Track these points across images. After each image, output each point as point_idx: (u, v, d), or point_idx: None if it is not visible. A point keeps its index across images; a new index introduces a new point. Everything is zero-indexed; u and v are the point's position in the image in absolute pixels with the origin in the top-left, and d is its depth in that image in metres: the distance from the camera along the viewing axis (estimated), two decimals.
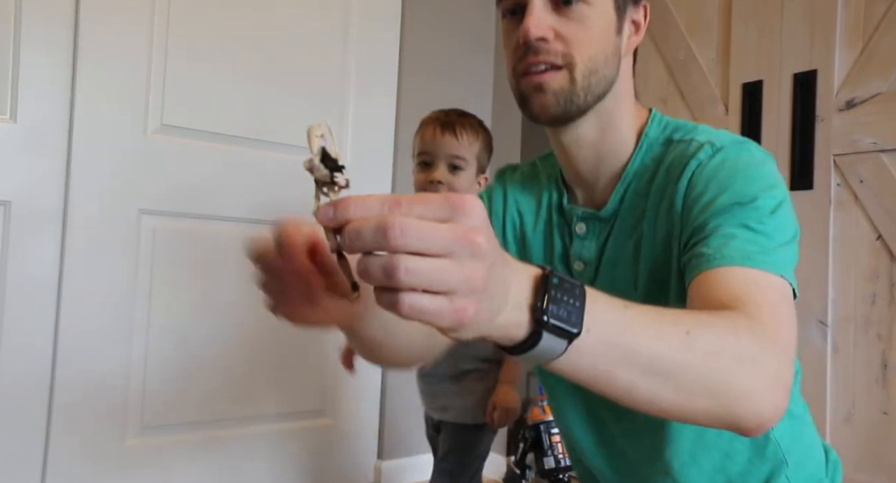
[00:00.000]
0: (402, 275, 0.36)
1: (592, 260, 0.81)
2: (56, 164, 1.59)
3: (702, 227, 0.67)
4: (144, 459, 1.70)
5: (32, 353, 1.56)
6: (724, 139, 0.74)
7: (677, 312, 0.53)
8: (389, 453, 2.10)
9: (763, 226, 0.65)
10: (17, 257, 1.54)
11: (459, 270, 0.37)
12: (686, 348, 0.50)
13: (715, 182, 0.69)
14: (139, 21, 1.68)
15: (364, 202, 0.38)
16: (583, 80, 0.73)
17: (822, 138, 1.53)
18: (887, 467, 1.39)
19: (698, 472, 0.78)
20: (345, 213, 0.38)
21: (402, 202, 0.37)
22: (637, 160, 0.79)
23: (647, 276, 0.76)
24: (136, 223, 1.69)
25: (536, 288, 0.44)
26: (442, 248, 0.36)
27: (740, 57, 1.70)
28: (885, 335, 1.43)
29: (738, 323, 0.55)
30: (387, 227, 0.36)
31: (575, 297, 0.44)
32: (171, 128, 1.73)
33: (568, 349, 0.44)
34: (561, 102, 0.73)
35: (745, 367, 0.52)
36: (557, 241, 0.85)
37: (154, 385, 1.70)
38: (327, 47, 2.00)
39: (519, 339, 0.43)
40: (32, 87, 1.56)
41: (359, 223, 0.37)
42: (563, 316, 0.43)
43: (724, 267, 0.62)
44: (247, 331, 1.85)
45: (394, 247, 0.36)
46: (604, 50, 0.74)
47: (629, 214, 0.78)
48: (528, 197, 0.90)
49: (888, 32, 1.44)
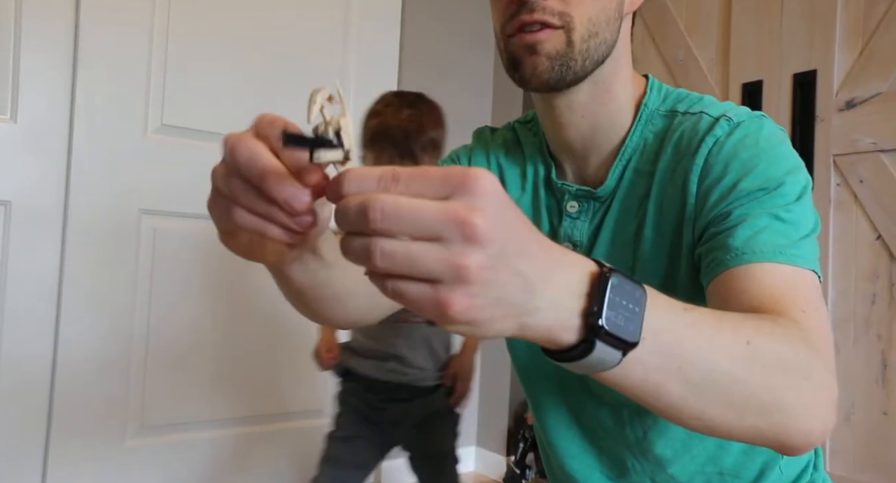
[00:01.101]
0: (378, 259, 0.33)
1: (584, 242, 0.74)
2: (56, 163, 1.59)
3: (725, 214, 0.61)
4: (144, 460, 1.70)
5: (32, 353, 1.56)
6: (740, 113, 0.67)
7: (736, 317, 0.48)
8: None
9: (791, 214, 0.60)
10: (18, 257, 1.54)
11: (445, 256, 0.32)
12: (746, 361, 0.45)
13: (736, 163, 0.63)
14: (139, 21, 1.68)
15: (361, 177, 0.34)
16: (581, 44, 0.65)
17: (822, 138, 1.53)
18: (887, 467, 1.39)
19: (690, 460, 0.73)
20: (339, 188, 0.35)
21: (401, 177, 0.34)
22: (636, 133, 0.72)
23: (649, 262, 0.69)
24: (137, 223, 1.69)
25: (592, 288, 0.38)
26: (428, 231, 0.32)
27: (740, 57, 1.71)
28: (885, 335, 1.43)
29: (794, 333, 0.50)
30: (367, 208, 0.32)
31: (635, 302, 0.39)
32: (171, 128, 1.73)
33: (622, 361, 0.39)
34: (556, 67, 0.65)
35: (798, 382, 0.48)
36: (545, 218, 0.78)
37: (154, 385, 1.70)
38: (327, 47, 2.00)
39: (566, 344, 0.38)
40: (33, 88, 1.56)
41: (346, 201, 0.34)
42: (621, 323, 0.38)
43: (756, 263, 0.57)
44: (247, 331, 1.85)
45: (373, 230, 0.33)
46: (605, 9, 0.66)
47: (630, 194, 0.71)
48: (512, 167, 0.82)
49: (888, 32, 1.44)
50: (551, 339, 0.38)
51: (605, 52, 0.67)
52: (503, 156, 0.83)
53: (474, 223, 0.32)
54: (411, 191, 0.33)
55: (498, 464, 2.20)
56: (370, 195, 0.33)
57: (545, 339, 0.38)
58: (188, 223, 1.76)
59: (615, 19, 0.67)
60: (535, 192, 0.79)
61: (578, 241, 0.75)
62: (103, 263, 1.64)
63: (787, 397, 0.47)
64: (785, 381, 0.47)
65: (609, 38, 0.67)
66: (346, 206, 0.34)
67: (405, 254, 0.32)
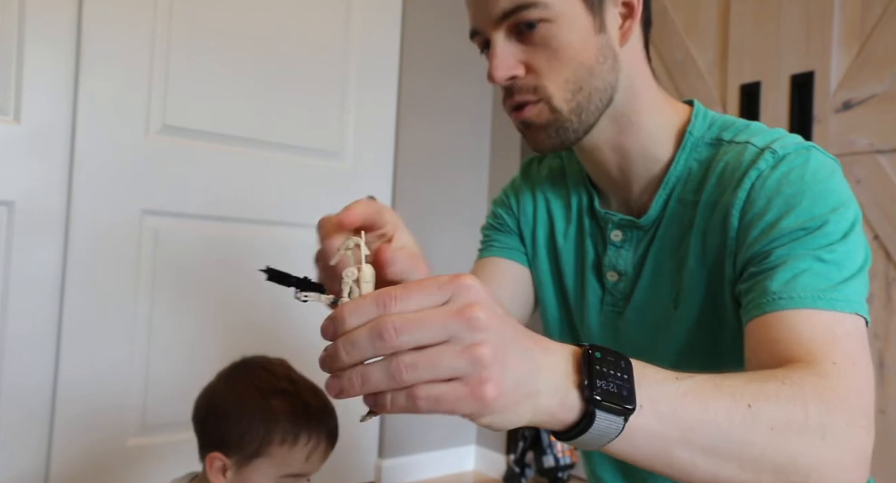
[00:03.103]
0: (405, 373, 0.35)
1: (629, 271, 0.74)
2: (59, 164, 1.60)
3: (764, 254, 0.60)
4: (146, 459, 1.71)
5: (35, 353, 1.57)
6: (787, 144, 0.64)
7: (736, 382, 0.48)
8: (390, 452, 2.11)
9: (834, 254, 0.58)
10: (21, 257, 1.55)
11: (460, 350, 0.35)
12: (748, 424, 0.45)
13: (779, 199, 0.61)
14: (141, 22, 1.69)
15: (358, 308, 0.36)
16: (567, 105, 0.67)
17: (819, 139, 1.54)
18: (885, 466, 1.40)
19: None
20: (342, 324, 0.36)
21: (397, 297, 0.36)
22: (680, 162, 0.71)
23: (692, 294, 0.69)
24: (139, 224, 1.70)
25: (578, 364, 0.41)
26: (441, 334, 0.35)
27: (738, 58, 1.71)
28: (882, 334, 1.44)
29: (807, 391, 0.49)
30: (381, 330, 0.35)
31: (621, 370, 0.42)
32: (173, 128, 1.74)
33: (624, 429, 0.41)
34: (552, 134, 0.68)
35: (814, 442, 0.47)
36: (589, 248, 0.79)
37: (156, 385, 1.71)
38: (328, 48, 2.01)
39: (570, 421, 0.41)
40: (36, 89, 1.57)
41: (352, 334, 0.36)
42: (614, 391, 0.40)
43: (792, 310, 0.56)
44: (248, 330, 1.86)
45: (392, 347, 0.35)
46: (583, 63, 0.66)
47: (674, 224, 0.71)
48: (558, 198, 0.83)
49: (885, 34, 1.45)
50: (558, 420, 0.40)
51: (602, 96, 0.68)
52: (549, 189, 0.85)
53: (477, 315, 0.35)
54: (412, 304, 0.36)
55: (497, 462, 2.21)
56: (377, 319, 0.35)
57: (552, 420, 0.40)
58: (190, 223, 1.77)
59: (603, 62, 0.67)
60: (579, 221, 0.80)
61: (623, 271, 0.75)
62: (105, 263, 1.65)
63: (804, 458, 0.47)
64: (797, 442, 0.47)
65: (601, 84, 0.67)
66: (353, 338, 0.35)
67: (427, 360, 0.35)
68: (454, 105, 2.29)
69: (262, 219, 1.88)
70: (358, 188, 2.07)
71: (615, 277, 0.76)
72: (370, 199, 0.43)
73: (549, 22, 0.64)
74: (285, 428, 0.91)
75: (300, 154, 1.94)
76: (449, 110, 2.29)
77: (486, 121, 2.37)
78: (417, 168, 2.20)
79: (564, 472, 2.04)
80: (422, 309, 0.36)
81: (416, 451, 2.15)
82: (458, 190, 2.29)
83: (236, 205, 1.84)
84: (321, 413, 0.96)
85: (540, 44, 0.65)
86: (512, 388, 0.37)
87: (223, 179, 1.82)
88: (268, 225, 1.90)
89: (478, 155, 2.35)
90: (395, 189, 2.15)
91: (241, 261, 1.86)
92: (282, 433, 0.90)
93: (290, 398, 0.95)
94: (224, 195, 1.82)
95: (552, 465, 2.02)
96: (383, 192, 2.13)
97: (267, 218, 1.89)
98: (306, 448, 0.91)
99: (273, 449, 0.90)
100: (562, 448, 2.03)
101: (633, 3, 0.69)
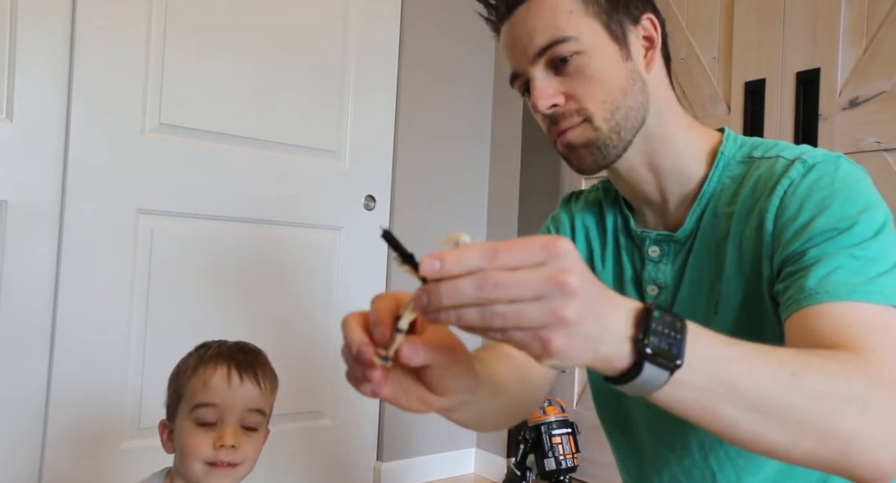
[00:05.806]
0: (495, 322, 0.40)
1: (669, 283, 0.79)
2: (53, 163, 1.58)
3: (799, 254, 0.64)
4: (141, 461, 1.69)
5: (29, 354, 1.55)
6: (816, 155, 0.70)
7: (784, 352, 0.51)
8: (389, 455, 2.09)
9: (867, 251, 0.61)
10: (14, 257, 1.53)
11: (547, 309, 0.39)
12: (791, 389, 0.48)
13: (810, 203, 0.66)
14: (136, 20, 1.67)
15: (464, 256, 0.40)
16: (607, 123, 0.73)
17: (825, 137, 1.51)
18: None
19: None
20: (449, 268, 0.40)
21: (501, 252, 0.40)
22: (714, 179, 0.76)
23: (731, 299, 0.73)
24: (134, 223, 1.68)
25: (637, 320, 0.45)
26: (534, 294, 0.39)
27: (742, 55, 1.69)
28: None
29: (850, 368, 0.52)
30: (483, 284, 0.39)
31: (676, 330, 0.46)
32: (168, 127, 1.72)
33: (669, 381, 0.45)
34: (595, 152, 0.74)
35: (855, 412, 0.49)
36: (627, 265, 0.83)
37: (151, 386, 1.69)
38: (327, 47, 1.99)
39: (621, 369, 0.45)
40: (29, 86, 1.55)
41: (457, 282, 0.40)
42: (664, 348, 0.44)
43: (828, 302, 0.59)
44: (245, 331, 1.84)
45: (489, 300, 0.39)
46: (617, 85, 0.73)
47: (709, 235, 0.75)
48: (594, 223, 0.89)
49: (892, 30, 1.43)
50: (611, 366, 0.45)
51: (636, 115, 0.75)
52: (587, 216, 0.91)
53: (570, 281, 0.39)
54: (513, 260, 0.40)
55: (498, 465, 2.19)
56: (482, 273, 0.39)
57: (607, 366, 0.45)
58: (186, 223, 1.75)
59: (632, 84, 0.74)
60: (615, 241, 0.86)
61: (664, 284, 0.79)
62: (100, 263, 1.63)
63: (845, 425, 0.49)
64: (840, 410, 0.49)
65: (633, 103, 0.74)
66: (459, 284, 0.40)
67: (515, 313, 0.39)
68: (454, 105, 2.28)
69: (259, 218, 1.86)
70: (357, 188, 2.04)
71: (655, 291, 0.80)
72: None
73: (582, 53, 0.72)
74: (191, 365, 1.01)
75: (297, 153, 1.91)
76: (449, 110, 2.27)
77: (486, 121, 2.35)
78: (417, 168, 2.18)
79: (566, 475, 2.02)
80: (520, 267, 0.39)
81: (415, 454, 2.13)
82: (458, 190, 2.28)
83: (232, 204, 1.82)
84: (225, 346, 1.04)
85: (575, 73, 0.72)
86: (578, 342, 0.41)
87: (219, 178, 1.79)
88: (264, 224, 1.88)
89: (478, 155, 2.33)
90: (395, 189, 2.13)
91: (237, 261, 1.84)
92: (189, 371, 1.00)
93: (204, 347, 1.06)
94: (220, 194, 1.80)
95: (553, 468, 2.00)
96: (382, 191, 2.11)
97: (263, 217, 1.87)
98: (203, 374, 0.98)
99: (185, 389, 0.99)
100: (563, 451, 2.01)
101: (653, 36, 0.76)
